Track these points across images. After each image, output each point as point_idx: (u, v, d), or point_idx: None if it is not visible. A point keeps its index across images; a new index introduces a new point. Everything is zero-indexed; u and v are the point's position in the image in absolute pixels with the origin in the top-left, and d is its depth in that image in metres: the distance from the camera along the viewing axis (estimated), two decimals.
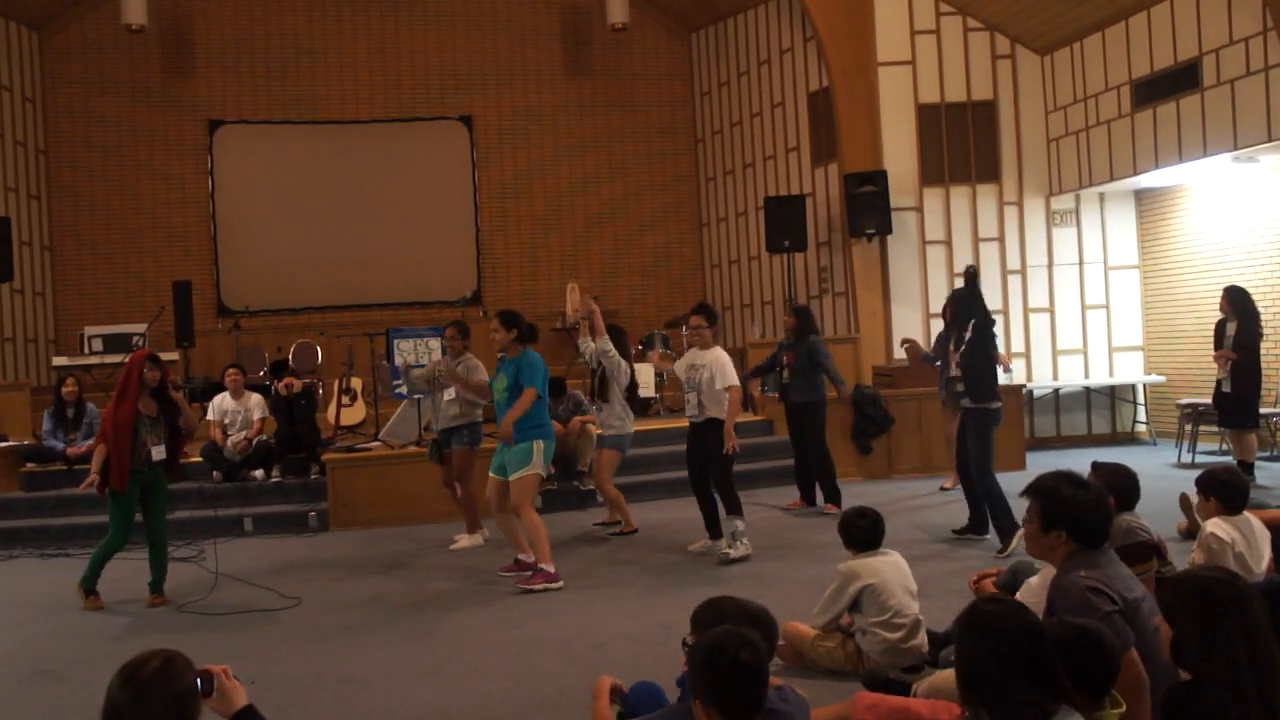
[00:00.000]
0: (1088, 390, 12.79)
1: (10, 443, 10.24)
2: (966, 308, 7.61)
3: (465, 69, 15.76)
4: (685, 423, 7.93)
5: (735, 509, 7.54)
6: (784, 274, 13.52)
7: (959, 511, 8.01)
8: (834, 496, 9.13)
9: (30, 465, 10.01)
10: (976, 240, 12.69)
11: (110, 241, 14.85)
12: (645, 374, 11.33)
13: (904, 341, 9.25)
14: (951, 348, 7.81)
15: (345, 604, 6.80)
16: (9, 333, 13.17)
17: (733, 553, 7.43)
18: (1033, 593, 3.84)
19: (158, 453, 7.02)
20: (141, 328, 12.32)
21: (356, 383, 11.52)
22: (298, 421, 10.11)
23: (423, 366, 9.05)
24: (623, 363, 8.52)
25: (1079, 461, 4.82)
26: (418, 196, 15.59)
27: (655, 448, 10.55)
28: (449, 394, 8.23)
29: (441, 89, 15.72)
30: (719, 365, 7.49)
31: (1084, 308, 12.76)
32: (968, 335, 7.49)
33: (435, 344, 9.94)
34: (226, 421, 10.04)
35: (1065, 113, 12.35)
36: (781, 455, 10.62)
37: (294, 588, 7.21)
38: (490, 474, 7.29)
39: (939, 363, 9.38)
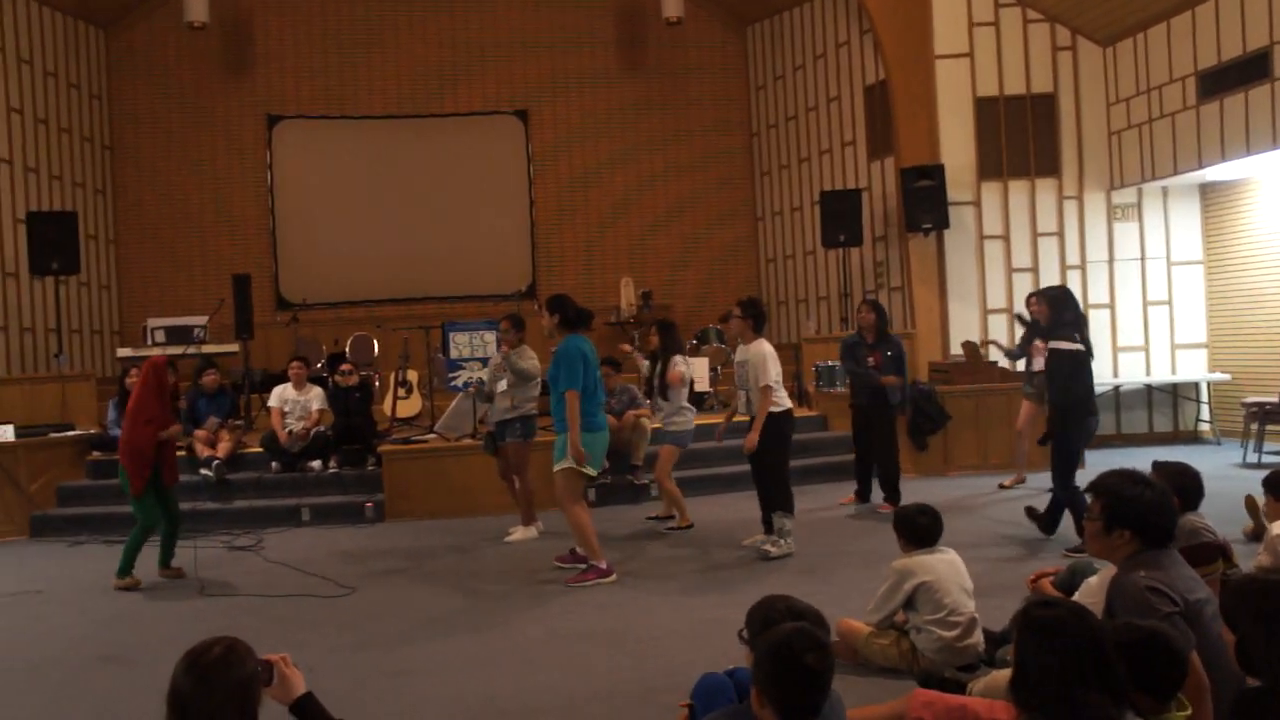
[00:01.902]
0: (1149, 388, 12.56)
1: (77, 431, 10.46)
2: (1064, 305, 7.43)
3: (521, 64, 15.82)
4: (743, 417, 7.83)
5: (785, 505, 7.48)
6: (839, 269, 13.42)
7: (1017, 509, 7.90)
8: (894, 497, 9.05)
9: (96, 454, 10.21)
10: (1035, 235, 12.51)
11: (173, 235, 15.12)
12: (700, 368, 11.31)
13: (965, 345, 9.19)
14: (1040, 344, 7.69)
15: (400, 594, 6.87)
16: (75, 324, 13.45)
17: (773, 550, 7.37)
18: (1091, 593, 3.78)
19: None
20: (202, 320, 12.53)
21: (412, 375, 11.63)
22: (354, 413, 10.22)
23: (485, 361, 9.14)
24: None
25: (1140, 461, 4.74)
26: (474, 191, 15.69)
27: (710, 442, 10.48)
28: (501, 386, 8.27)
29: (498, 83, 15.80)
30: (759, 362, 7.40)
31: (1145, 304, 12.54)
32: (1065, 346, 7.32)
33: (490, 337, 10.02)
34: (287, 410, 10.19)
35: (1128, 105, 12.13)
36: (835, 451, 10.56)
37: (350, 577, 7.30)
38: None
39: (1023, 358, 9.31)
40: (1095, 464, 9.24)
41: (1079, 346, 7.26)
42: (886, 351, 9.10)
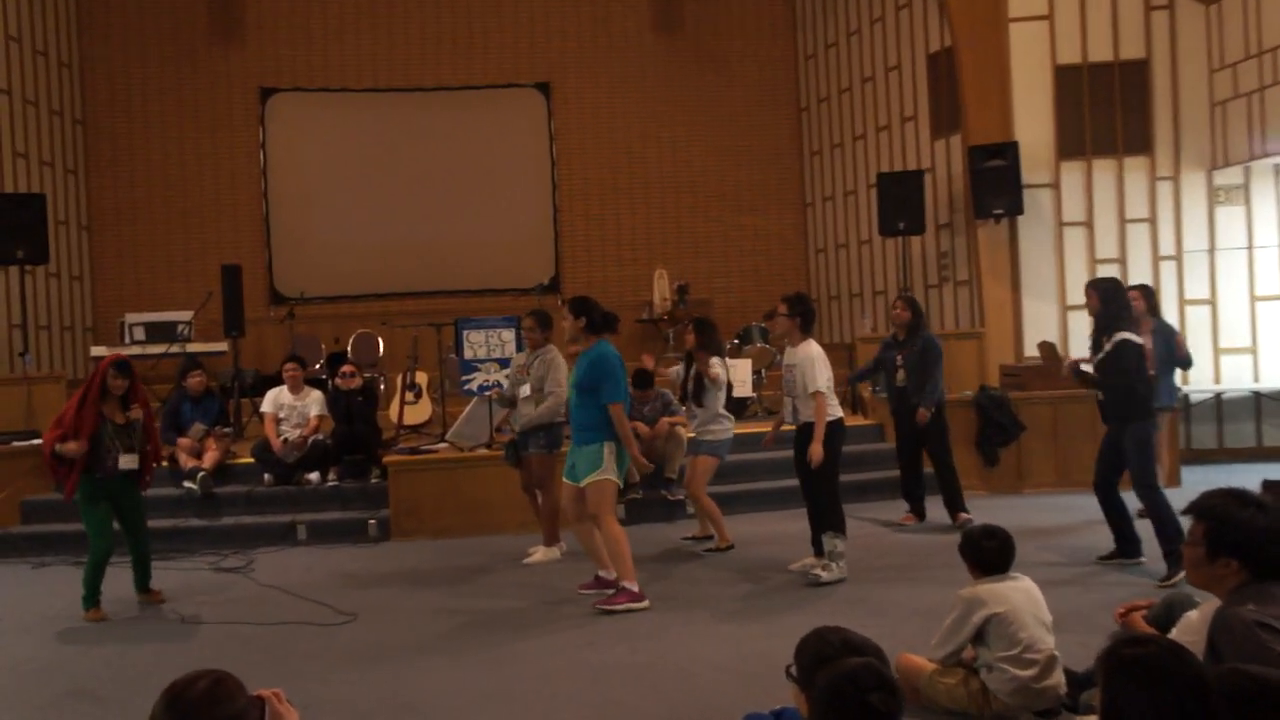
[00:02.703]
0: (1257, 395, 12.38)
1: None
2: (1119, 299, 7.54)
3: (542, 30, 15.86)
4: (790, 426, 7.87)
5: (836, 525, 7.48)
6: (899, 260, 13.35)
7: (1105, 534, 7.82)
8: (960, 505, 9.11)
9: None
10: (1123, 222, 12.39)
11: (153, 221, 15.23)
12: (742, 371, 11.28)
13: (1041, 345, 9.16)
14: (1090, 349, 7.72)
15: (407, 622, 6.88)
16: (44, 320, 13.56)
17: (824, 575, 7.37)
18: (1192, 630, 3.72)
19: (127, 461, 7.36)
20: (187, 315, 12.60)
21: (421, 378, 11.65)
22: (357, 420, 10.25)
23: (505, 362, 9.18)
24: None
25: (1246, 479, 4.67)
26: (490, 173, 15.73)
27: (752, 454, 10.45)
28: (524, 391, 8.29)
29: (516, 53, 15.84)
30: (809, 366, 7.43)
31: (1253, 299, 12.35)
32: (1108, 349, 7.37)
33: (508, 336, 10.01)
34: (282, 416, 10.22)
35: (1234, 71, 11.97)
36: (893, 464, 10.49)
37: (351, 603, 7.32)
38: (563, 479, 7.35)
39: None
40: (1194, 482, 9.17)
41: (1142, 341, 7.54)
42: (912, 348, 9.22)
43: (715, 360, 8.69)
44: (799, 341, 7.58)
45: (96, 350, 12.62)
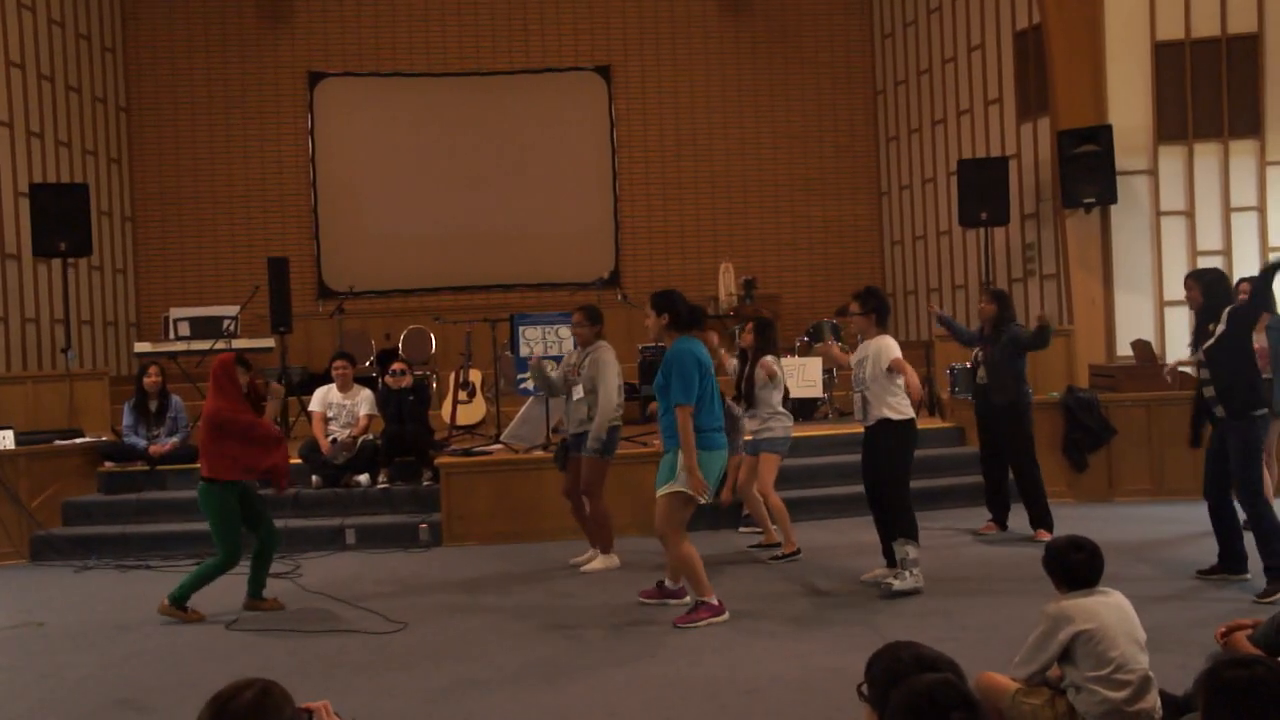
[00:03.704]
0: None
1: (87, 439, 10.71)
2: (1223, 291, 7.40)
3: (603, 10, 15.91)
4: (858, 428, 7.87)
5: (908, 531, 7.43)
6: (980, 252, 13.24)
7: (1205, 547, 7.71)
8: (1044, 521, 8.94)
9: (109, 464, 10.43)
10: (1228, 211, 12.21)
11: (199, 211, 15.48)
12: (812, 371, 11.25)
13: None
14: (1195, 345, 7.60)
15: (460, 632, 6.93)
16: (86, 315, 13.80)
17: (898, 584, 7.34)
18: None
19: None
20: (233, 310, 12.74)
21: (475, 376, 11.72)
22: (408, 420, 10.31)
23: (559, 359, 9.17)
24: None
25: None
26: (548, 161, 15.81)
27: (821, 457, 10.48)
28: (578, 392, 8.29)
29: (575, 34, 15.89)
30: (881, 349, 7.45)
31: None
32: (1220, 328, 7.24)
33: (566, 332, 10.06)
34: (330, 415, 10.32)
35: None
36: (973, 469, 10.43)
37: (401, 611, 7.37)
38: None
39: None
40: None
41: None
42: (997, 344, 9.07)
43: (769, 359, 8.70)
44: (874, 336, 7.58)
45: (140, 346, 12.80)
